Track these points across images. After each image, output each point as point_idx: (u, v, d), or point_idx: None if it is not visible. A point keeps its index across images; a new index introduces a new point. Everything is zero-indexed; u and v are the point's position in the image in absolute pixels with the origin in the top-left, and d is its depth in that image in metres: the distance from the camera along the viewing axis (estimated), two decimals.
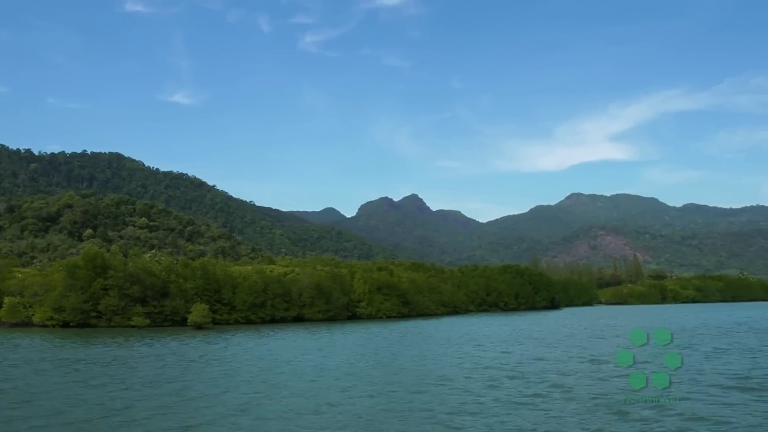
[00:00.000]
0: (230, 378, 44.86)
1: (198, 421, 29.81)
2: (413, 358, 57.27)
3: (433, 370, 47.84)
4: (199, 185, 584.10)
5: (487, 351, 62.49)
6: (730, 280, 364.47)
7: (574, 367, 46.78)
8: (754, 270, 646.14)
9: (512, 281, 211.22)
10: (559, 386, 36.82)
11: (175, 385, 41.39)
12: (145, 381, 43.27)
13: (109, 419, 30.37)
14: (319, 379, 43.51)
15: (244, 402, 34.69)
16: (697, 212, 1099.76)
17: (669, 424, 26.48)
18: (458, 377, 42.58)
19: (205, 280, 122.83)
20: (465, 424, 27.93)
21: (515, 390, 36.66)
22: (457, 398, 34.20)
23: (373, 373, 46.28)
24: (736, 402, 31.19)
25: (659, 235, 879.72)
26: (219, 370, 49.32)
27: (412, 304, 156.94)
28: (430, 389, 37.53)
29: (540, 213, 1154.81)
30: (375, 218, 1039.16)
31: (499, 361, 52.27)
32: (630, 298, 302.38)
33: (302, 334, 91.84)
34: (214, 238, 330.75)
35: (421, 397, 34.71)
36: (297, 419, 29.76)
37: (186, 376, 45.75)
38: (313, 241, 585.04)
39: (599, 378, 40.38)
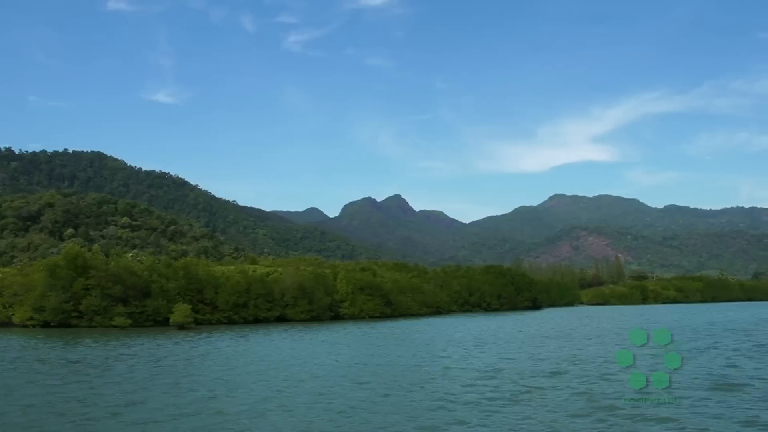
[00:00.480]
0: (187, 378, 44.34)
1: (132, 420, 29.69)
2: (387, 358, 56.75)
3: (403, 371, 47.51)
4: (182, 185, 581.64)
5: (465, 351, 62.50)
6: (710, 281, 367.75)
7: (551, 368, 46.98)
8: (734, 271, 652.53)
9: (495, 282, 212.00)
10: (537, 388, 36.87)
11: (127, 385, 41.11)
12: (104, 381, 42.94)
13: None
14: (280, 378, 43.16)
15: (188, 402, 34.49)
16: (678, 213, 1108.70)
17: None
18: (433, 379, 42.41)
19: (188, 280, 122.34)
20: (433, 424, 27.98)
21: (489, 391, 36.70)
22: (424, 401, 33.90)
23: (339, 374, 45.71)
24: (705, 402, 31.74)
25: (640, 236, 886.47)
26: (181, 370, 48.74)
27: (395, 304, 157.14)
28: (395, 392, 37.10)
29: (522, 214, 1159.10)
30: (358, 218, 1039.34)
31: (474, 362, 52.30)
32: (611, 299, 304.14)
33: (280, 335, 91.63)
34: (196, 237, 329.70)
35: (384, 400, 34.44)
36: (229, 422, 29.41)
37: (140, 376, 45.44)
38: (296, 241, 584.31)
39: (578, 378, 40.69)
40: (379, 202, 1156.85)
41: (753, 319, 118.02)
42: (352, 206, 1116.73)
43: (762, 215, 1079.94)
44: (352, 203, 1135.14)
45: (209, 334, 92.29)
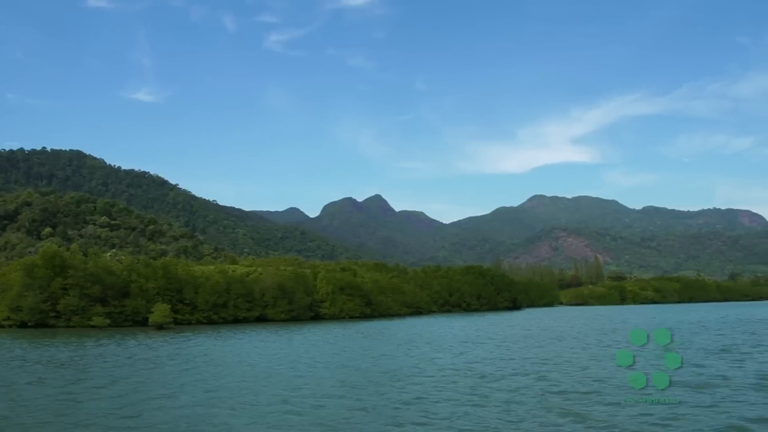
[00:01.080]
0: (151, 378, 43.97)
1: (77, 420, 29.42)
2: (357, 359, 56.39)
3: (369, 371, 47.19)
4: (162, 184, 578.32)
5: (442, 351, 62.50)
6: (687, 282, 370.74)
7: (527, 368, 47.25)
8: (711, 271, 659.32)
9: (474, 282, 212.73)
10: (514, 389, 37.03)
11: (83, 384, 40.87)
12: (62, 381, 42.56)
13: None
14: (241, 379, 42.73)
15: (142, 400, 34.45)
16: (656, 215, 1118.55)
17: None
18: (404, 379, 42.16)
19: (167, 279, 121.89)
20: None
21: (464, 390, 36.76)
22: (392, 402, 33.61)
23: (302, 375, 45.03)
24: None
25: (619, 236, 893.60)
26: (144, 371, 48.15)
27: (375, 304, 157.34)
28: (357, 393, 36.71)
29: (502, 214, 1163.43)
30: (338, 218, 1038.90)
31: (451, 362, 52.28)
32: (590, 299, 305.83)
33: (255, 335, 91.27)
34: (176, 237, 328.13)
35: (341, 402, 34.05)
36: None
37: (98, 376, 45.05)
38: (276, 241, 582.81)
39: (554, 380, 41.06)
40: (359, 203, 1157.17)
41: (721, 319, 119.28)
42: (333, 206, 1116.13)
43: (738, 217, 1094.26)
44: (333, 203, 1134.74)
45: (186, 334, 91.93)
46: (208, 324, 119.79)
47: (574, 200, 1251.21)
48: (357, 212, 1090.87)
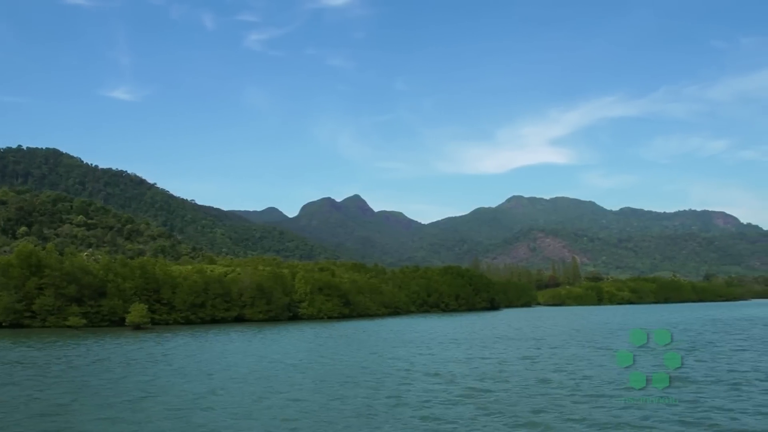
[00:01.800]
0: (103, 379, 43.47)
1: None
2: (324, 360, 56.24)
3: (342, 372, 47.14)
4: (139, 183, 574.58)
5: (416, 351, 62.64)
6: (663, 282, 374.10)
7: (495, 369, 47.54)
8: (686, 272, 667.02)
9: (453, 282, 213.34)
10: (480, 390, 37.05)
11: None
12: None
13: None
14: (201, 380, 42.21)
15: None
16: (633, 216, 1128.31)
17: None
18: (365, 381, 42.01)
19: (144, 279, 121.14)
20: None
21: (430, 390, 36.78)
22: (351, 406, 33.15)
23: (265, 376, 44.48)
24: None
25: (596, 237, 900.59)
26: (104, 372, 47.78)
27: (354, 304, 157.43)
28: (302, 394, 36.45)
29: (481, 215, 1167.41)
30: (317, 218, 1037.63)
31: (421, 363, 52.42)
32: (567, 300, 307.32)
33: (236, 335, 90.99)
34: (153, 236, 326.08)
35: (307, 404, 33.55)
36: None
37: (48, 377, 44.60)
38: (254, 241, 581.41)
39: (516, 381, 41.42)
40: (338, 203, 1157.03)
41: (694, 320, 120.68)
42: (311, 206, 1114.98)
43: (713, 218, 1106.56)
44: (311, 203, 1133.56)
45: (164, 335, 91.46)
46: (186, 324, 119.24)
47: (551, 201, 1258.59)
48: (336, 212, 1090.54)
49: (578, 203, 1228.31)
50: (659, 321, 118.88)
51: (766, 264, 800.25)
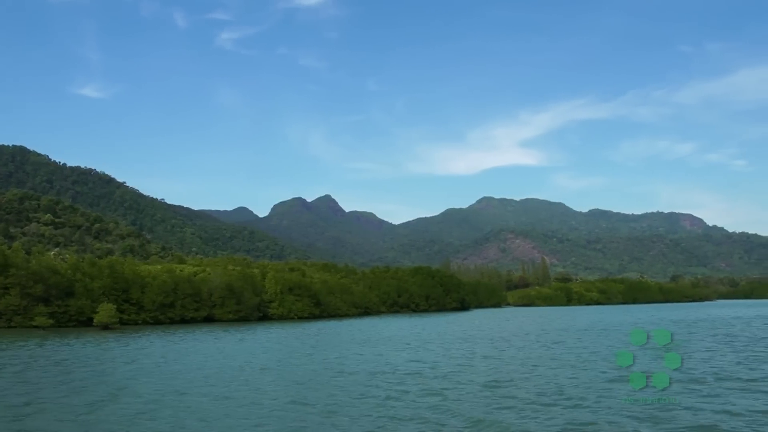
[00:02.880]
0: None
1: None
2: (289, 361, 55.65)
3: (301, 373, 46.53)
4: (108, 181, 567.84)
5: (381, 351, 62.78)
6: (631, 283, 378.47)
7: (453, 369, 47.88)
8: (653, 273, 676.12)
9: (423, 283, 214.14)
10: (442, 390, 36.89)
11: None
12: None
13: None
14: (162, 382, 41.61)
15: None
16: (602, 217, 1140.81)
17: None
18: (343, 377, 42.38)
19: (113, 279, 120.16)
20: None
21: (388, 390, 36.74)
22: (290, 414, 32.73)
23: (228, 377, 43.67)
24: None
25: (566, 239, 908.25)
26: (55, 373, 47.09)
27: (324, 304, 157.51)
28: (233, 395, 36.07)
29: (451, 216, 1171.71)
30: (288, 218, 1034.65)
31: (386, 362, 52.36)
32: (537, 300, 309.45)
33: (203, 335, 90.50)
34: (122, 236, 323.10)
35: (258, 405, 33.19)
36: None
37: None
38: (224, 241, 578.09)
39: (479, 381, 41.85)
40: (309, 203, 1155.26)
41: (659, 320, 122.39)
42: (282, 206, 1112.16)
43: (680, 220, 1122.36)
44: (282, 203, 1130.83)
45: (129, 335, 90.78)
46: (155, 324, 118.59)
47: (522, 202, 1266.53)
48: (306, 212, 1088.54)
49: (548, 204, 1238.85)
50: (624, 322, 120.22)
51: (730, 265, 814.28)
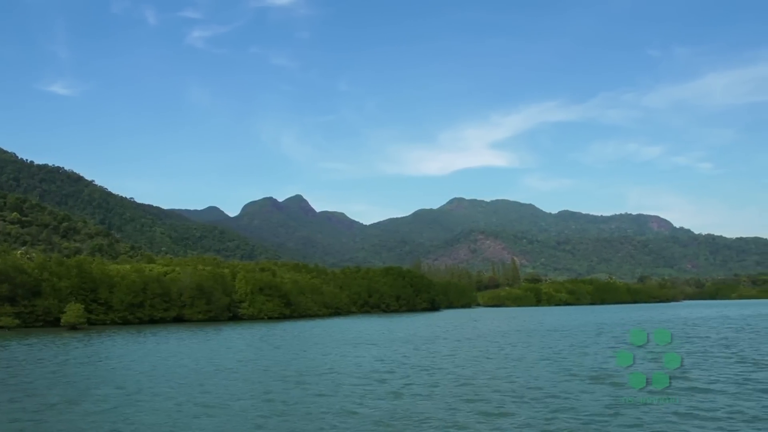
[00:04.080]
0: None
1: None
2: (253, 363, 54.38)
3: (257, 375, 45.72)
4: (77, 180, 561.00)
5: (347, 352, 62.58)
6: (599, 284, 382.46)
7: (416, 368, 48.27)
8: (621, 274, 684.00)
9: (394, 283, 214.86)
10: (403, 390, 36.78)
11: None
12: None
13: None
14: (120, 384, 40.62)
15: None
16: (571, 219, 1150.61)
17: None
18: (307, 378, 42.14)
19: (81, 278, 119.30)
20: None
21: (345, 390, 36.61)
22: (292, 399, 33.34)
23: (188, 380, 42.53)
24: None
25: (536, 240, 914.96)
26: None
27: (295, 305, 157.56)
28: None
29: (422, 216, 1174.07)
30: (258, 218, 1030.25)
31: (350, 363, 52.21)
32: (507, 301, 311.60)
33: (161, 336, 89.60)
34: (91, 235, 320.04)
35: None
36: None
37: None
38: (194, 240, 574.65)
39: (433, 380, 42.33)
40: (280, 202, 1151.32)
41: (626, 321, 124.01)
42: (253, 206, 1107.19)
43: (648, 222, 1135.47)
44: (253, 203, 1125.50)
45: (96, 335, 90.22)
46: (124, 324, 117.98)
47: (492, 203, 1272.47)
48: (277, 212, 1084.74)
49: (518, 206, 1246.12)
50: (590, 322, 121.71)
51: (697, 266, 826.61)
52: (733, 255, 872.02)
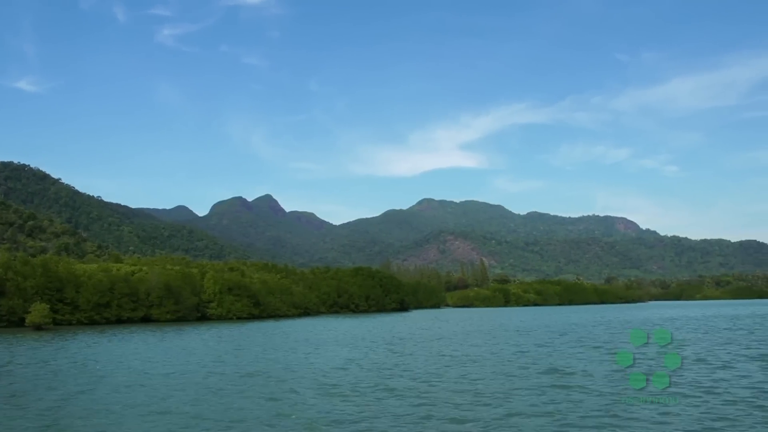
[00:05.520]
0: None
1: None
2: (212, 365, 52.21)
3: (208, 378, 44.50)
4: (43, 178, 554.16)
5: (308, 353, 61.96)
6: (567, 285, 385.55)
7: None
8: (589, 275, 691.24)
9: (363, 283, 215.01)
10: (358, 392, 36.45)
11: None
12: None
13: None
14: (68, 386, 39.48)
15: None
16: (540, 220, 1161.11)
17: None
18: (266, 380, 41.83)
19: (47, 278, 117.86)
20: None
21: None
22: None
23: (140, 383, 40.83)
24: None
25: (504, 241, 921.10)
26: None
27: (264, 305, 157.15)
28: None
29: (392, 217, 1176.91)
30: (228, 218, 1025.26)
31: (310, 366, 50.97)
32: (476, 301, 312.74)
33: (124, 336, 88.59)
34: (57, 234, 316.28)
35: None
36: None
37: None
38: (163, 240, 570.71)
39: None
40: (249, 202, 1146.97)
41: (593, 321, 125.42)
42: (222, 205, 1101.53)
43: (615, 223, 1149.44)
44: (222, 202, 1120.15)
45: (61, 335, 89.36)
46: (90, 324, 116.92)
47: (461, 204, 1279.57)
48: (247, 212, 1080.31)
49: (487, 207, 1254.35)
50: (556, 322, 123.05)
51: (662, 268, 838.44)
52: (697, 256, 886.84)
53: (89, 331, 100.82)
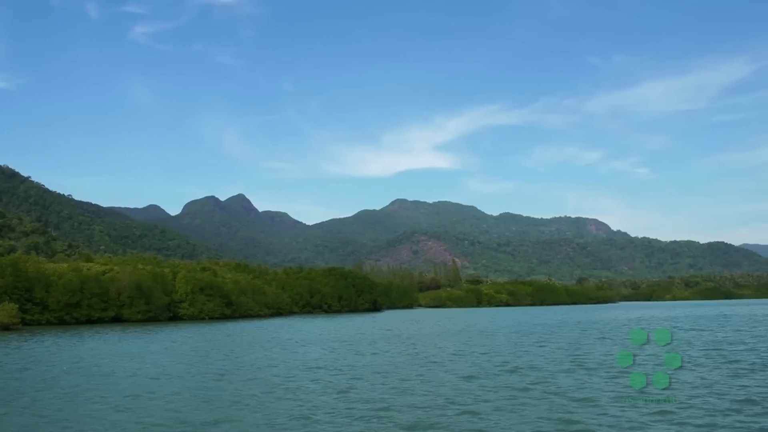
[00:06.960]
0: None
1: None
2: (180, 367, 50.71)
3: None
4: (12, 176, 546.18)
5: (276, 354, 61.20)
6: (539, 285, 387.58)
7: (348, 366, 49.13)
8: (560, 276, 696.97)
9: (336, 284, 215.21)
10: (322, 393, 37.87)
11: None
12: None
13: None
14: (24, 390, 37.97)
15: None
16: (512, 221, 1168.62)
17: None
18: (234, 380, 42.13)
19: (15, 277, 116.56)
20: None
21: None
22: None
23: (97, 386, 38.93)
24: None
25: (477, 241, 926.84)
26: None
27: (236, 305, 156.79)
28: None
29: (365, 217, 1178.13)
30: (200, 217, 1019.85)
31: (276, 366, 50.59)
32: (448, 302, 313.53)
33: (91, 336, 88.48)
34: (26, 232, 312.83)
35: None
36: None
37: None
38: (134, 239, 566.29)
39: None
40: (222, 202, 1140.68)
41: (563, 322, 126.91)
42: (194, 205, 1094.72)
43: (587, 225, 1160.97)
44: (195, 201, 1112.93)
45: (28, 335, 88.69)
46: (60, 324, 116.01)
47: (434, 205, 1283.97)
48: (219, 211, 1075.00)
49: (460, 208, 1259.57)
50: (526, 322, 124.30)
51: (633, 269, 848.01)
52: (667, 258, 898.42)
53: (60, 331, 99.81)
